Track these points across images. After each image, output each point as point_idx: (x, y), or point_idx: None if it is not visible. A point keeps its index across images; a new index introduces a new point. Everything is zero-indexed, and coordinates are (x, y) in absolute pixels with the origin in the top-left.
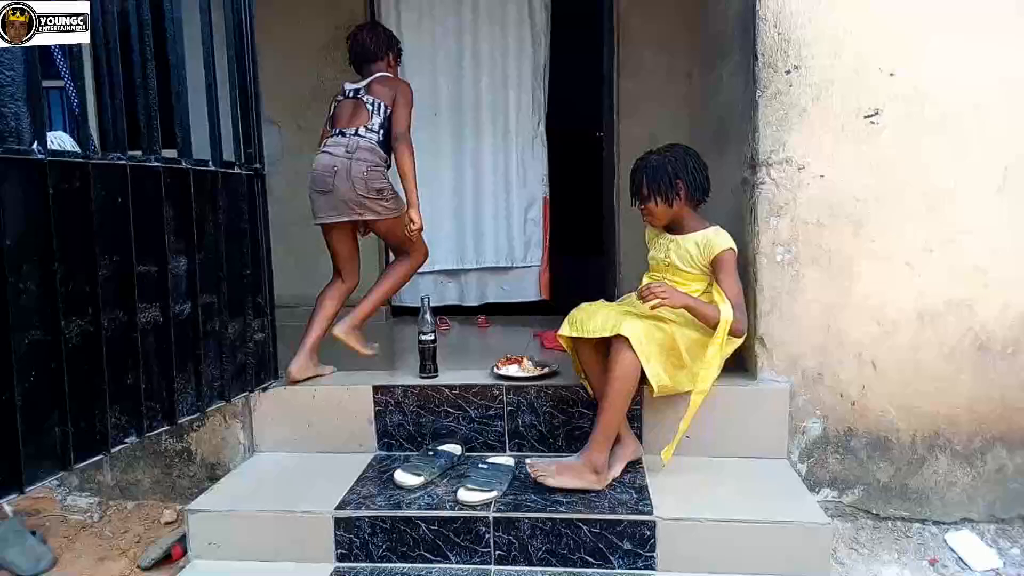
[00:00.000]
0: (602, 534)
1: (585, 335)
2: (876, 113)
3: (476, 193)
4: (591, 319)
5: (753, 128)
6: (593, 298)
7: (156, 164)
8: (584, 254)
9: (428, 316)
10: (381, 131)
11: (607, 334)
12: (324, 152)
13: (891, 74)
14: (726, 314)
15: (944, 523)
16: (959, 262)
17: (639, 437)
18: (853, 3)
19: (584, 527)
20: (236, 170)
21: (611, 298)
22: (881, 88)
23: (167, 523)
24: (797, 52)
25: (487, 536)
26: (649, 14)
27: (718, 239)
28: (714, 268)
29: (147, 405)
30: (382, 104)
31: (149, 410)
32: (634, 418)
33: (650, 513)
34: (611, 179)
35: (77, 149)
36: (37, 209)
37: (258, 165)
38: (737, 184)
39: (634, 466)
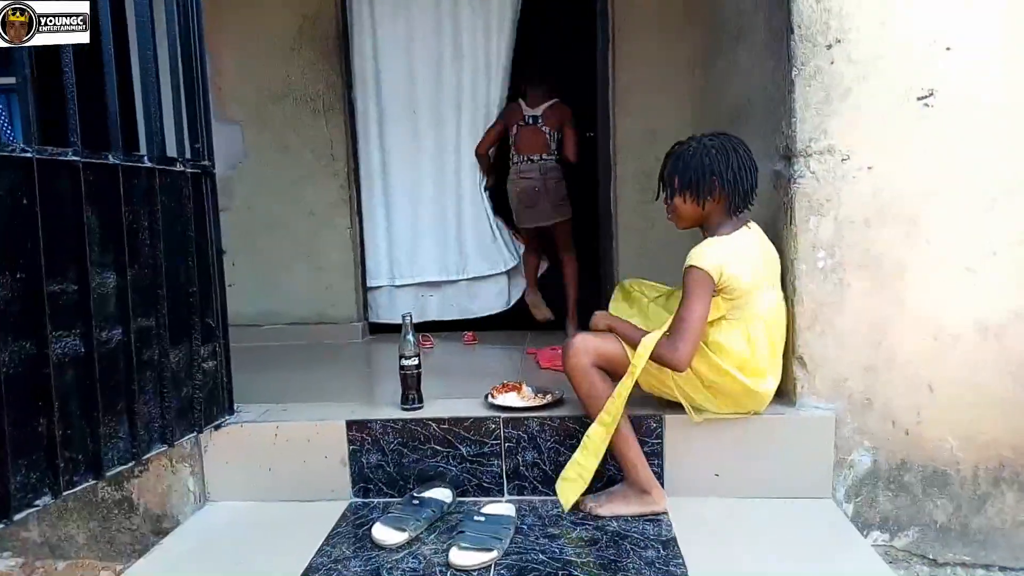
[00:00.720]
0: None
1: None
2: (931, 94)
3: (459, 198)
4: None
5: (788, 113)
6: (587, 310)
7: (73, 158)
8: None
9: (411, 337)
10: (557, 151)
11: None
12: (523, 178)
13: (947, 48)
14: (644, 343)
15: (1013, 569)
16: None
17: (660, 476)
18: None
19: None
20: (179, 167)
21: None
22: (936, 65)
23: None
24: (839, 23)
25: None
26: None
27: (696, 250)
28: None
29: (65, 456)
30: (555, 132)
31: (68, 462)
32: (655, 454)
33: (684, 575)
34: (607, 181)
35: None
36: None
37: (207, 163)
38: (763, 182)
39: (659, 514)
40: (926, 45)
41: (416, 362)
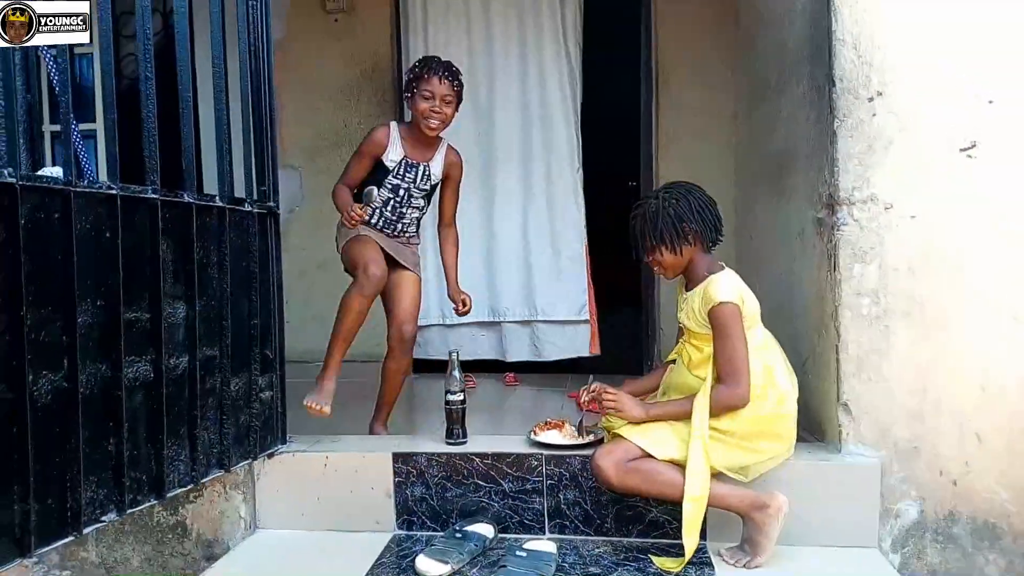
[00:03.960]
0: None
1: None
2: (973, 146)
3: (510, 243)
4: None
5: (831, 162)
6: (633, 353)
7: (152, 196)
8: (619, 309)
9: (457, 373)
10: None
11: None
12: None
13: (990, 101)
14: (698, 405)
15: None
16: None
17: (704, 526)
18: (942, 21)
19: None
20: (247, 207)
21: (648, 354)
22: (978, 117)
23: None
24: (880, 76)
25: None
26: (688, 50)
27: (711, 289)
28: (711, 326)
29: (130, 476)
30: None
31: (133, 481)
32: None
33: None
34: None
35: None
36: (5, 242)
37: (272, 204)
38: (805, 227)
39: (700, 554)
40: (969, 97)
41: (461, 397)
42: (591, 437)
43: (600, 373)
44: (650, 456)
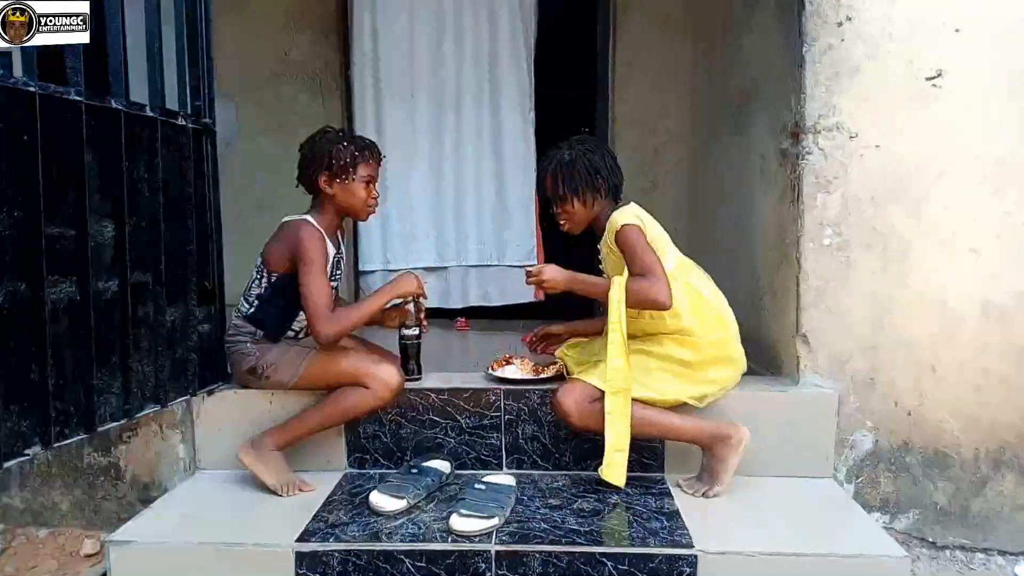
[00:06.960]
0: (631, 572)
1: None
2: (939, 75)
3: (458, 186)
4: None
5: (798, 89)
6: (580, 299)
7: (76, 98)
8: (570, 256)
9: (411, 308)
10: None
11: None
12: None
13: (956, 30)
14: (614, 290)
15: (1012, 554)
16: None
17: (661, 458)
18: None
19: (608, 563)
20: (180, 121)
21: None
22: (945, 46)
23: (88, 555)
24: (850, 0)
25: (488, 575)
26: None
27: (613, 220)
28: (620, 251)
29: (57, 407)
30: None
31: (60, 413)
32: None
33: (689, 546)
34: None
35: None
36: None
37: (208, 120)
38: (767, 160)
39: (659, 485)
40: (936, 26)
41: (416, 332)
42: (552, 371)
43: (549, 319)
44: None
